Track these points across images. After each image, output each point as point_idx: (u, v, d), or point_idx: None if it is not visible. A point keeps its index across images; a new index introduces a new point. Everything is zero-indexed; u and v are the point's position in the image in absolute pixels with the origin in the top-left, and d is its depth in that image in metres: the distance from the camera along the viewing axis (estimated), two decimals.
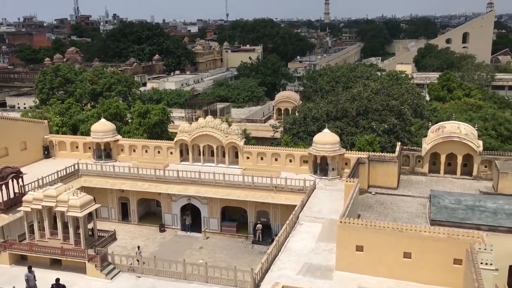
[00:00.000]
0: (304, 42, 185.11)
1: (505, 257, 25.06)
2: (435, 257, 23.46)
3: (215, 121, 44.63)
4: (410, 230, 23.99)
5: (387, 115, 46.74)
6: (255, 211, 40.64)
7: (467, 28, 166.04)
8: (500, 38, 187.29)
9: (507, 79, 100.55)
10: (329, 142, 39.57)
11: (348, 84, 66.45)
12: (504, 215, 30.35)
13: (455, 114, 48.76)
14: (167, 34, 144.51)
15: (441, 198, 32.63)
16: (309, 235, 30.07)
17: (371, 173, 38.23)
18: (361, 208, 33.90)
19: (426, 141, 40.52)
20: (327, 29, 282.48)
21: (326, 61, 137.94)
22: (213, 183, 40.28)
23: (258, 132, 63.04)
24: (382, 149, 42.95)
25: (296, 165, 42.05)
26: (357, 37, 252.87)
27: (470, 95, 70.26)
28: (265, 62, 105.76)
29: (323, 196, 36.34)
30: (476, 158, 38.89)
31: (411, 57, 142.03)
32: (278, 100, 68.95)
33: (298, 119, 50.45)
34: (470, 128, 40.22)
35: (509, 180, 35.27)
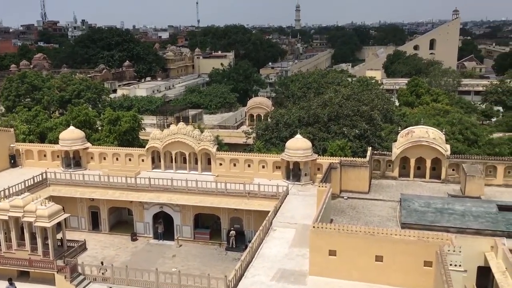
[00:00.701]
0: (276, 48, 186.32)
1: (474, 259, 25.66)
2: (406, 260, 23.81)
3: (187, 128, 44.35)
4: (382, 234, 24.30)
5: (358, 120, 47.39)
6: (229, 217, 40.47)
7: (434, 35, 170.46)
8: (465, 44, 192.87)
9: (472, 85, 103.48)
10: (301, 148, 39.82)
11: (319, 90, 67.17)
12: (472, 217, 31.13)
13: (423, 119, 49.83)
14: (138, 40, 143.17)
15: (411, 202, 33.23)
16: (283, 241, 30.10)
17: (343, 178, 38.61)
18: (334, 213, 34.17)
19: (396, 146, 41.25)
20: (298, 35, 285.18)
21: (298, 67, 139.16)
22: (186, 190, 39.95)
23: (231, 138, 62.92)
24: (354, 154, 43.49)
25: (269, 171, 42.14)
26: (328, 44, 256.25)
27: (437, 100, 71.99)
28: (237, 68, 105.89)
29: (296, 202, 36.48)
30: (444, 161, 39.80)
31: (381, 63, 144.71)
32: (250, 106, 69.06)
33: (271, 125, 50.63)
34: (438, 132, 41.18)
35: (476, 183, 36.20)
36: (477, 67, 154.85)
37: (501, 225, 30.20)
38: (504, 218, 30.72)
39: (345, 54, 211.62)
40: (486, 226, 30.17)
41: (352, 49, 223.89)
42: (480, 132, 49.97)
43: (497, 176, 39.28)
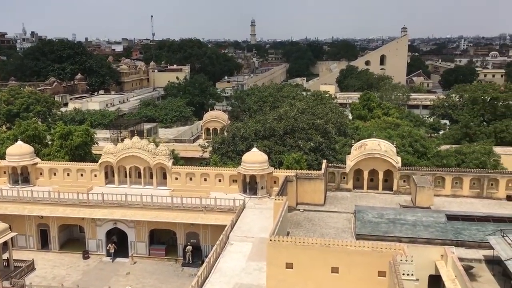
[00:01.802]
0: (232, 62, 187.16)
1: (425, 267, 26.40)
2: (361, 271, 24.20)
3: (142, 142, 43.62)
4: (337, 246, 24.62)
5: (313, 133, 48.14)
6: (185, 232, 39.91)
7: (384, 51, 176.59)
8: (413, 60, 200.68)
9: (420, 99, 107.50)
10: (257, 161, 39.97)
11: (275, 104, 67.84)
12: (422, 227, 32.15)
13: (375, 132, 51.25)
14: (90, 53, 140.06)
15: (365, 213, 33.95)
16: (240, 255, 29.95)
17: (299, 190, 38.99)
18: (290, 226, 34.37)
19: (349, 158, 42.16)
20: (254, 50, 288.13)
21: (254, 81, 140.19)
22: (141, 206, 39.14)
23: (187, 152, 62.37)
24: (309, 167, 44.05)
25: (226, 185, 41.98)
26: (283, 58, 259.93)
27: (388, 114, 74.31)
28: (193, 82, 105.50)
29: (253, 215, 36.47)
30: (396, 173, 41.02)
31: (334, 77, 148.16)
32: (206, 119, 68.82)
33: (227, 139, 50.59)
34: (389, 145, 42.46)
35: (426, 194, 37.45)
36: (424, 82, 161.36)
37: (450, 234, 31.35)
38: (452, 228, 31.92)
39: (299, 69, 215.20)
40: (436, 236, 31.23)
41: (307, 63, 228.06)
42: (428, 144, 51.85)
43: (445, 186, 40.87)
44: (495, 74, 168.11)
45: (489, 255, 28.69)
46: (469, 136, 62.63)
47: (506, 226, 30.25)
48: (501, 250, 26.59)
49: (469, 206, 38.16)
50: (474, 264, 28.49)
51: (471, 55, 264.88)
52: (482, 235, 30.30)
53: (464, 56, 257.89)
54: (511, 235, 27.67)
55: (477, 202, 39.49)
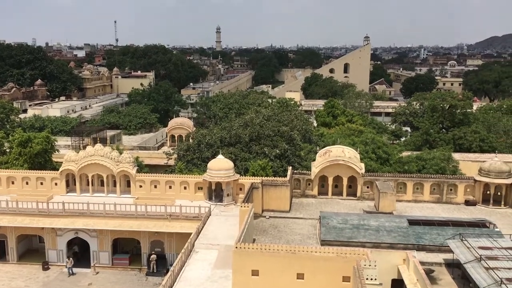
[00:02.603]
0: (197, 69, 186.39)
1: (388, 272, 26.85)
2: (326, 276, 24.41)
3: (104, 149, 42.78)
4: (302, 252, 24.77)
5: (278, 140, 48.41)
6: (149, 241, 39.27)
7: (348, 59, 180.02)
8: (376, 69, 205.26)
9: (383, 106, 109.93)
10: (223, 168, 39.84)
11: (241, 111, 67.93)
12: (385, 232, 32.77)
13: (339, 139, 52.02)
14: (51, 58, 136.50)
15: (330, 219, 34.33)
16: (205, 263, 29.71)
17: (264, 197, 39.08)
18: (256, 233, 34.37)
19: (314, 165, 42.61)
20: (219, 57, 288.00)
21: (219, 88, 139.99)
22: (103, 214, 38.29)
23: (152, 159, 61.51)
24: (275, 173, 44.24)
25: (191, 192, 41.64)
26: (249, 65, 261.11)
27: (352, 121, 75.58)
28: (158, 89, 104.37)
29: (219, 222, 36.28)
30: (359, 179, 41.72)
31: (299, 85, 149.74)
32: (171, 126, 68.16)
33: (192, 146, 50.22)
34: (353, 151, 43.19)
35: (388, 199, 38.24)
36: (387, 90, 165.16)
37: (411, 239, 32.08)
38: (414, 232, 32.68)
39: (265, 76, 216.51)
40: (398, 240, 31.90)
41: (272, 71, 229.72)
42: (391, 151, 53.02)
43: (407, 192, 41.87)
44: (454, 82, 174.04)
45: (449, 259, 29.53)
46: (429, 142, 64.46)
47: (465, 230, 31.21)
48: (460, 253, 27.39)
49: (429, 211, 39.20)
50: (435, 268, 29.26)
51: (431, 64, 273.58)
52: (442, 239, 31.14)
53: (424, 65, 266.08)
54: (469, 239, 28.56)
55: (437, 207, 40.63)
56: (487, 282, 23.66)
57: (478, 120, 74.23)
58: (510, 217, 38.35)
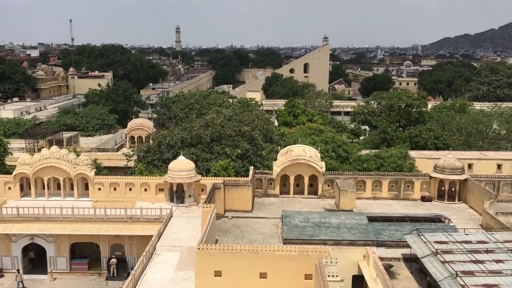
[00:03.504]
0: (157, 69, 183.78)
1: (349, 268, 27.35)
2: (289, 275, 24.60)
3: (61, 152, 41.56)
4: (265, 251, 24.88)
5: (240, 140, 48.39)
6: (109, 245, 38.41)
7: (307, 60, 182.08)
8: (335, 69, 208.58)
9: (342, 106, 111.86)
10: (184, 169, 39.49)
11: (201, 111, 67.48)
12: (346, 229, 33.35)
13: (300, 138, 52.53)
14: (3, 58, 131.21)
15: (292, 218, 34.62)
16: (168, 265, 29.36)
17: (226, 197, 38.99)
18: (219, 233, 34.24)
19: (276, 164, 42.87)
20: (179, 56, 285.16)
21: (179, 88, 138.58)
22: (60, 219, 37.18)
23: (110, 161, 60.20)
24: (237, 173, 44.21)
25: (152, 194, 41.05)
26: (209, 65, 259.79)
27: (312, 120, 76.53)
28: (116, 89, 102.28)
29: (181, 224, 35.94)
30: (320, 178, 42.29)
31: (260, 85, 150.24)
32: (131, 127, 67.00)
33: (153, 147, 49.50)
34: (314, 150, 43.72)
35: (348, 197, 38.95)
36: (345, 90, 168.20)
37: (371, 235, 32.79)
38: (373, 229, 33.41)
39: (226, 76, 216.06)
40: (358, 237, 32.54)
41: (233, 71, 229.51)
42: (350, 149, 53.97)
43: (366, 189, 42.78)
44: (409, 82, 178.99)
45: (407, 254, 30.36)
46: (387, 141, 66.07)
47: (422, 226, 32.20)
48: (418, 248, 28.20)
49: (388, 208, 40.19)
50: (394, 263, 30.00)
51: (387, 64, 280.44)
52: (400, 234, 31.98)
53: (381, 65, 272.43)
54: (426, 234, 29.45)
55: (395, 203, 41.70)
56: (443, 275, 24.45)
57: (432, 118, 76.72)
58: (463, 211, 39.83)
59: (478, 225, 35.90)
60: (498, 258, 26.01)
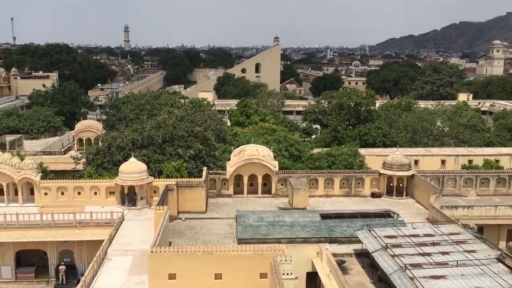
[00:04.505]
0: (105, 69, 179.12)
1: (303, 265, 27.71)
2: (244, 274, 24.61)
3: (3, 156, 39.81)
4: (220, 252, 24.77)
5: (192, 141, 47.94)
6: (57, 251, 37.03)
7: (259, 59, 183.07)
8: (286, 69, 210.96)
9: (294, 105, 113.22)
10: (136, 171, 38.70)
11: (153, 112, 66.35)
12: (300, 227, 33.77)
13: (253, 138, 52.69)
14: None
15: (246, 217, 34.67)
16: (120, 270, 28.65)
17: (180, 199, 38.55)
18: (172, 235, 33.80)
19: (229, 164, 42.81)
20: (129, 56, 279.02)
21: (129, 88, 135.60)
22: (4, 226, 35.50)
23: (57, 165, 58.17)
24: (190, 174, 43.78)
25: (102, 197, 39.97)
26: (159, 65, 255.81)
27: (265, 120, 76.96)
28: (62, 90, 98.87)
29: (133, 227, 35.19)
30: (274, 177, 42.60)
31: (212, 85, 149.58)
32: (78, 129, 65.10)
33: (102, 149, 48.19)
34: (267, 150, 43.99)
35: (301, 196, 39.45)
36: (297, 89, 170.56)
37: (324, 232, 33.37)
38: (326, 226, 34.02)
39: (177, 76, 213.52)
40: (312, 234, 33.03)
41: (184, 71, 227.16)
42: (302, 148, 54.72)
43: (319, 187, 43.51)
44: (358, 81, 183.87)
45: (359, 249, 31.14)
46: (338, 139, 67.49)
47: (372, 221, 33.09)
48: (369, 243, 28.97)
49: (340, 205, 41.05)
50: (346, 258, 30.68)
51: (337, 64, 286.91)
52: (351, 230, 32.73)
53: (330, 65, 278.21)
54: (376, 229, 30.30)
55: (346, 200, 42.68)
56: (393, 268, 25.24)
57: (380, 116, 79.10)
58: (411, 206, 41.29)
59: (424, 219, 37.32)
60: (444, 250, 27.16)
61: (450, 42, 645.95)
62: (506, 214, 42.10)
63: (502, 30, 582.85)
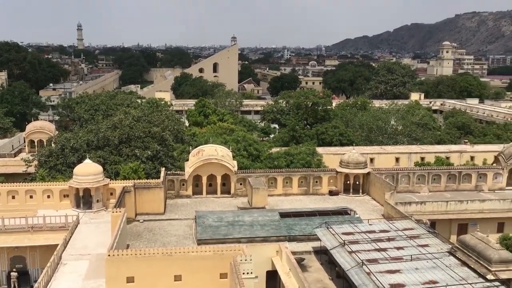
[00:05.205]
0: (57, 68, 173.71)
1: (263, 264, 27.82)
2: (203, 275, 24.50)
3: None
4: (179, 253, 24.54)
5: (150, 141, 47.25)
6: (8, 257, 35.56)
7: (216, 59, 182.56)
8: (244, 68, 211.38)
9: (252, 105, 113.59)
10: (91, 173, 37.75)
11: (108, 112, 64.95)
12: (259, 226, 33.93)
13: (212, 138, 52.49)
14: None
15: (205, 218, 34.51)
16: (75, 275, 27.88)
17: (137, 201, 37.91)
18: (130, 238, 33.21)
19: (188, 165, 42.47)
20: (82, 55, 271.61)
21: (83, 88, 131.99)
22: None
23: (7, 167, 56.07)
24: (147, 176, 43.13)
25: (56, 201, 38.77)
26: (115, 65, 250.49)
27: (223, 119, 76.82)
28: (12, 90, 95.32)
29: (89, 231, 34.32)
30: (233, 177, 42.59)
31: (169, 85, 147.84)
32: (29, 131, 62.91)
33: (55, 151, 46.73)
34: (226, 150, 43.93)
35: (261, 195, 39.63)
36: (255, 89, 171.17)
37: (283, 231, 33.67)
38: (285, 224, 34.33)
39: (133, 76, 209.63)
40: (271, 233, 33.25)
41: (140, 70, 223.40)
42: (261, 148, 54.97)
43: (278, 186, 43.85)
44: (315, 81, 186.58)
45: (317, 246, 31.62)
46: (296, 138, 68.26)
47: (330, 219, 33.66)
48: (327, 240, 29.46)
49: (299, 203, 41.52)
50: (305, 256, 31.09)
51: (294, 64, 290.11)
52: (310, 228, 33.17)
53: (288, 65, 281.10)
54: (334, 226, 30.85)
55: (305, 198, 43.22)
56: (350, 264, 25.78)
57: (337, 116, 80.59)
58: (367, 203, 42.31)
59: (380, 215, 38.30)
60: (398, 245, 27.99)
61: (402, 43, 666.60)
62: (457, 209, 43.93)
63: (451, 32, 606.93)
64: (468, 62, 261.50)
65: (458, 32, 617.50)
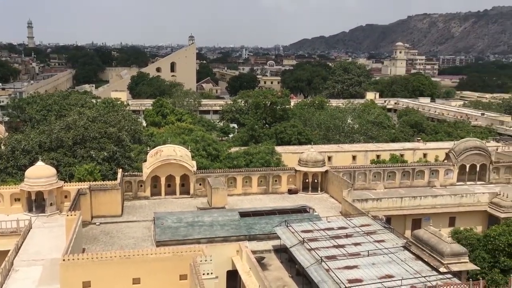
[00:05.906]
0: (6, 67, 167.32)
1: (223, 264, 27.80)
2: (163, 277, 24.19)
3: None
4: (137, 255, 24.12)
5: (106, 142, 46.17)
6: None
7: (174, 58, 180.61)
8: (202, 68, 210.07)
9: (211, 105, 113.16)
10: (44, 176, 36.46)
11: (61, 113, 63.05)
12: (219, 226, 33.82)
13: (170, 138, 51.89)
14: None
15: (164, 219, 34.06)
16: (28, 281, 26.85)
17: (93, 203, 36.97)
18: (86, 242, 32.35)
19: (146, 166, 41.78)
20: (33, 54, 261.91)
21: (34, 88, 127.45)
22: None
23: None
24: (104, 177, 42.13)
25: (6, 205, 37.20)
26: (68, 64, 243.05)
27: (182, 119, 76.08)
28: None
29: (42, 235, 33.14)
30: (192, 177, 42.25)
31: (125, 84, 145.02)
32: None
33: (5, 153, 44.92)
34: (185, 150, 43.52)
35: (220, 195, 39.50)
36: (213, 89, 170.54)
37: (243, 230, 33.69)
38: (245, 224, 34.37)
39: (87, 75, 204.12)
40: (231, 233, 33.20)
41: (95, 69, 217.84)
42: (220, 147, 54.83)
43: (237, 186, 43.85)
44: (273, 81, 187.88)
45: (277, 245, 31.83)
46: (255, 138, 68.48)
47: (289, 217, 33.97)
48: (286, 239, 29.70)
49: (258, 202, 41.67)
50: (265, 255, 31.24)
51: (252, 64, 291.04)
52: (270, 227, 33.35)
53: (246, 65, 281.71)
54: (293, 225, 31.15)
55: (264, 197, 43.42)
56: (309, 262, 26.10)
57: (295, 115, 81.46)
58: (326, 201, 42.97)
59: (338, 213, 39.02)
60: (356, 242, 28.59)
61: (358, 43, 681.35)
62: (411, 204, 45.36)
63: (404, 33, 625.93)
64: (420, 62, 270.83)
65: (411, 33, 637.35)
